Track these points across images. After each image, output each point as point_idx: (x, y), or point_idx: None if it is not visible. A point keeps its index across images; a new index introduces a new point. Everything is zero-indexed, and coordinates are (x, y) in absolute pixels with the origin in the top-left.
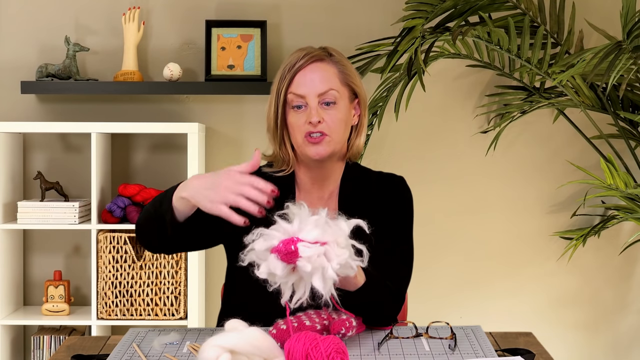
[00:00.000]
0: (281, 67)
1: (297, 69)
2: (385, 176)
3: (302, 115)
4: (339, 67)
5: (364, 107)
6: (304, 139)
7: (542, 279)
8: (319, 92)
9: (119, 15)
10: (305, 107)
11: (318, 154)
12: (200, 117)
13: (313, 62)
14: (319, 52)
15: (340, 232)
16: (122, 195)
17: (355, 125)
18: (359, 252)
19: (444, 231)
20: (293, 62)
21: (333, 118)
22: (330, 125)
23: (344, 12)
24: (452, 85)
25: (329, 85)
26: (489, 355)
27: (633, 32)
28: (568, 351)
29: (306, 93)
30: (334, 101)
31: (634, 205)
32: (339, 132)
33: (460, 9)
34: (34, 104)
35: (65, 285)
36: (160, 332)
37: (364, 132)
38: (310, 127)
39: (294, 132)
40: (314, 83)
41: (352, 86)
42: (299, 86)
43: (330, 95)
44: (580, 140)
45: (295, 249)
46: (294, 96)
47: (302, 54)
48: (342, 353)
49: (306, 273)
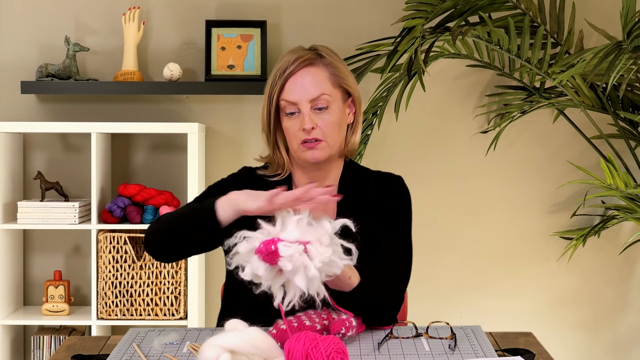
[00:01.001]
0: (272, 71)
1: (288, 75)
2: (383, 175)
3: (296, 121)
4: (330, 70)
5: (359, 104)
6: (300, 145)
7: (542, 279)
8: (311, 98)
9: (119, 15)
10: (298, 113)
11: (315, 158)
12: (200, 117)
13: (304, 67)
14: (310, 55)
15: (323, 232)
16: (122, 195)
17: (351, 123)
18: (348, 250)
19: (444, 231)
20: (284, 68)
21: (326, 123)
22: (324, 130)
23: (344, 12)
24: (452, 85)
25: (321, 90)
26: (489, 355)
27: (633, 32)
28: (568, 351)
29: (298, 99)
30: (326, 106)
31: (634, 205)
32: (334, 135)
33: (460, 9)
34: (34, 104)
35: (65, 285)
36: (160, 332)
37: (360, 129)
38: (305, 135)
39: (289, 137)
40: (305, 89)
41: (345, 87)
42: (290, 93)
43: (322, 100)
44: (580, 140)
45: (275, 248)
46: (286, 103)
47: (293, 59)
48: (342, 353)
49: (289, 272)
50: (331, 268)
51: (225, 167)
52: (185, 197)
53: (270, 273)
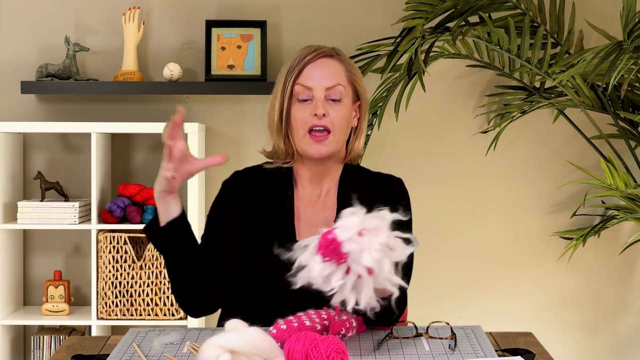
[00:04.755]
0: (288, 61)
1: (307, 62)
2: (384, 177)
3: (307, 108)
4: (346, 66)
5: (365, 110)
6: (306, 134)
7: (542, 279)
8: (327, 86)
9: (119, 15)
10: (311, 100)
11: (319, 153)
12: (200, 117)
13: (322, 57)
14: (328, 49)
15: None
16: (122, 195)
17: (355, 127)
18: (407, 241)
19: (444, 231)
20: (303, 56)
21: (338, 114)
22: (334, 121)
23: (344, 12)
24: (452, 85)
25: (337, 80)
26: (489, 355)
27: (633, 32)
28: (568, 351)
29: (314, 85)
30: (339, 98)
31: (634, 205)
32: (342, 129)
33: (460, 9)
34: (34, 104)
35: (65, 285)
36: (160, 332)
37: (363, 136)
38: (315, 120)
39: (297, 125)
40: (323, 76)
41: (357, 87)
42: (307, 78)
43: (337, 90)
44: (580, 140)
45: (334, 236)
46: (301, 88)
47: (312, 49)
48: (342, 353)
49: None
50: (395, 253)
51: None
52: (185, 197)
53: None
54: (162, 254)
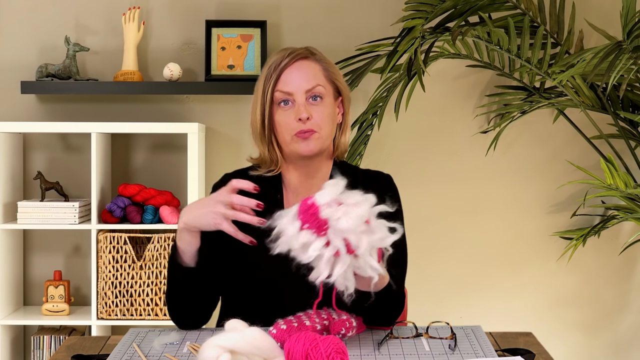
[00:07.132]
0: (265, 67)
1: (283, 67)
2: (372, 174)
3: (290, 112)
4: (323, 65)
5: (348, 105)
6: (293, 137)
7: (542, 279)
8: (306, 89)
9: (119, 15)
10: (293, 103)
11: (309, 150)
12: (200, 117)
13: (298, 60)
14: (303, 50)
15: (364, 199)
16: (122, 195)
17: (340, 123)
18: (392, 230)
19: (444, 231)
20: (278, 61)
21: (321, 114)
22: (318, 121)
23: (344, 12)
24: (452, 85)
25: (316, 81)
26: (489, 355)
27: (633, 32)
28: (568, 351)
29: (293, 90)
30: (320, 96)
31: (634, 205)
32: (327, 127)
33: (460, 9)
34: (34, 104)
35: (65, 285)
36: (160, 332)
37: (349, 130)
38: (300, 125)
39: (281, 130)
40: (301, 80)
41: (337, 83)
42: (286, 84)
43: (318, 90)
44: (580, 140)
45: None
46: (281, 94)
47: (287, 53)
48: (342, 353)
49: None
50: (376, 236)
51: (225, 167)
52: (185, 197)
53: (317, 242)
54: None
